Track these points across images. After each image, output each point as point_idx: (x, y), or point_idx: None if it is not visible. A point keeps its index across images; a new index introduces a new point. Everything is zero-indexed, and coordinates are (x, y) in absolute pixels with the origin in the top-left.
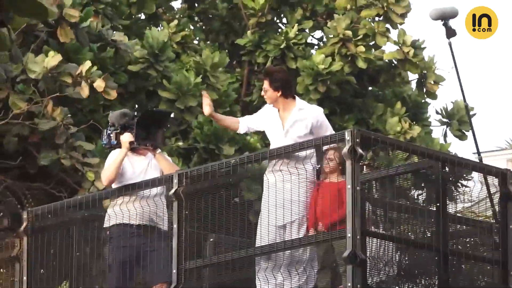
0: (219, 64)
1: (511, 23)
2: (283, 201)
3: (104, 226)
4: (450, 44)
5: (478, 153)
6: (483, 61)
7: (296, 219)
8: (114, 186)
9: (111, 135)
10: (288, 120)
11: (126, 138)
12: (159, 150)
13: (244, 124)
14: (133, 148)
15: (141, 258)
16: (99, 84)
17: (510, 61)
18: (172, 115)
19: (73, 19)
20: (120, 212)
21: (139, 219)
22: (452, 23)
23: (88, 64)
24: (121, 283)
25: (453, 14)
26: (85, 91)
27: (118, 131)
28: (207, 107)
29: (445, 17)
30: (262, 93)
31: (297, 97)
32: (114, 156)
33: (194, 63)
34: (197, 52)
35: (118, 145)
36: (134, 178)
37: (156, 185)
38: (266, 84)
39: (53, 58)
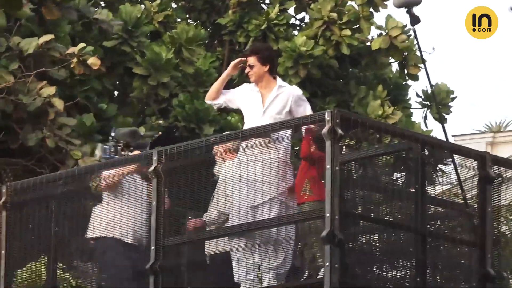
0: (194, 38)
1: (511, 23)
2: (254, 181)
3: (88, 236)
4: (414, 31)
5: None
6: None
7: (268, 200)
8: None
9: (111, 150)
10: (269, 98)
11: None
12: None
13: (223, 96)
14: None
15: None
16: (94, 62)
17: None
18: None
19: None
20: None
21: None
22: (415, 10)
23: (81, 45)
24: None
25: (416, 2)
26: (78, 69)
27: (121, 147)
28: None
29: (409, 4)
30: (247, 70)
31: (277, 77)
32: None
33: (169, 38)
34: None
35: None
36: None
37: (135, 161)
38: (253, 60)
39: (45, 36)
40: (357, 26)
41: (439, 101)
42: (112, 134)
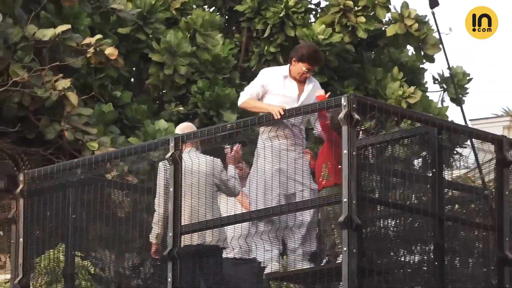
0: (209, 23)
1: (511, 23)
2: (287, 168)
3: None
4: (433, 14)
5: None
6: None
7: (300, 188)
8: None
9: None
10: (305, 89)
11: None
12: None
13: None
14: None
15: None
16: (112, 52)
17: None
18: None
19: None
20: None
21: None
22: None
23: (98, 36)
24: None
25: None
26: (93, 59)
27: None
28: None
29: None
30: (308, 75)
31: None
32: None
33: (184, 24)
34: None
35: None
36: None
37: (152, 148)
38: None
39: (62, 26)
40: (373, 13)
41: (454, 84)
42: None
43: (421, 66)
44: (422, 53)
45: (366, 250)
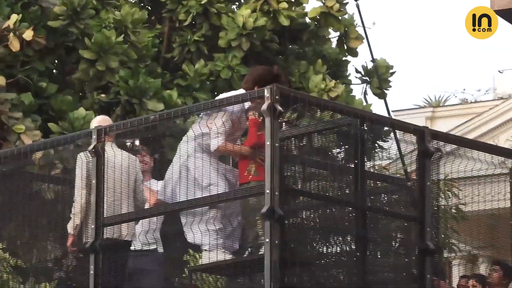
0: (139, 20)
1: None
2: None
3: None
4: (358, 6)
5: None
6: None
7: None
8: None
9: None
10: None
11: None
12: None
13: None
14: None
15: None
16: (28, 34)
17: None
18: None
19: None
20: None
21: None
22: None
23: (14, 17)
24: None
25: None
26: (15, 45)
27: None
28: None
29: None
30: None
31: None
32: None
33: (114, 20)
34: (117, 8)
35: None
36: None
37: (75, 140)
38: None
39: None
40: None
41: (378, 76)
42: None
43: (344, 58)
44: (346, 47)
45: (289, 241)
